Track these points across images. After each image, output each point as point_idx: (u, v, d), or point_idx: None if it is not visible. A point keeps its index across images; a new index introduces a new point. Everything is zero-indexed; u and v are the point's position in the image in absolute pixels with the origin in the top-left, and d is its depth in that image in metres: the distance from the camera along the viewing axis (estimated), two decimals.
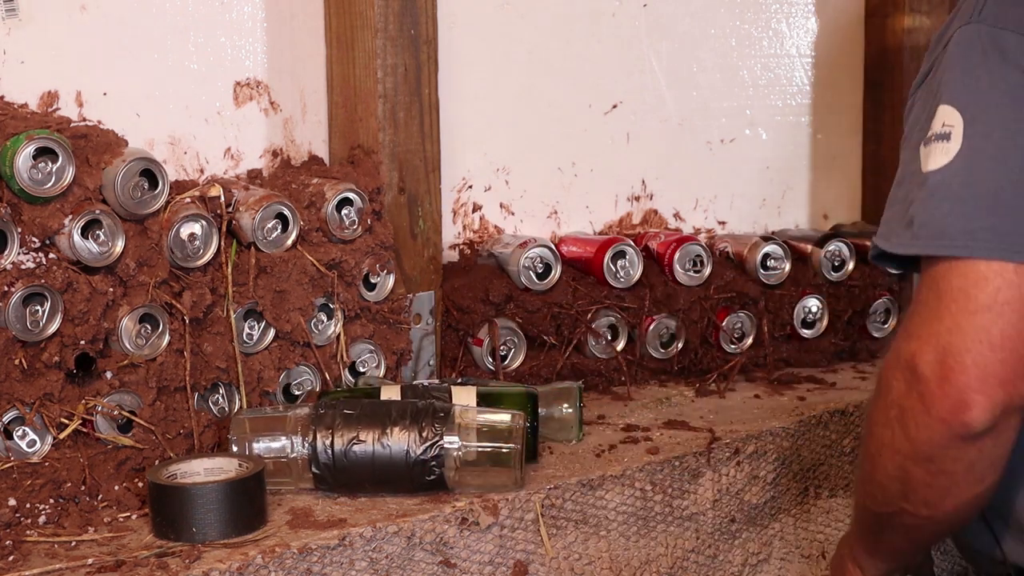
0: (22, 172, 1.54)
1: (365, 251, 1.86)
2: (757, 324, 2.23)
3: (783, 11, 2.47)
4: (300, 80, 2.01)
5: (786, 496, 1.92)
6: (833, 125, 2.56)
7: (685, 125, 2.39)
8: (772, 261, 2.24)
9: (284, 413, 1.62)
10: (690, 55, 2.37)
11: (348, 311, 1.84)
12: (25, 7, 1.75)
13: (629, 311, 2.14)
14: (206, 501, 1.46)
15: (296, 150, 2.02)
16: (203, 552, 1.43)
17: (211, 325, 1.71)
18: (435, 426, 1.58)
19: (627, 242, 2.13)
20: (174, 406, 1.68)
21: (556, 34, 2.23)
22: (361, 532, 1.50)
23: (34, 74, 1.77)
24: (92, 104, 1.81)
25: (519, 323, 2.07)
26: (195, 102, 1.92)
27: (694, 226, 2.42)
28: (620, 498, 1.72)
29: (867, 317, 2.34)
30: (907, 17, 2.49)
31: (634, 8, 2.30)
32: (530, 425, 1.72)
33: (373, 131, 1.93)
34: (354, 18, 1.94)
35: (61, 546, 1.47)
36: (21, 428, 1.57)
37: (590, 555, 1.70)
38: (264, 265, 1.76)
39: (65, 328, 1.58)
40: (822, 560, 1.97)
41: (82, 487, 1.59)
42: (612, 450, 1.80)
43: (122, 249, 1.62)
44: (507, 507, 1.61)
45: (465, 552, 1.58)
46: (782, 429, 1.90)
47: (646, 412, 2.00)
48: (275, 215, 1.75)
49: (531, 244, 2.08)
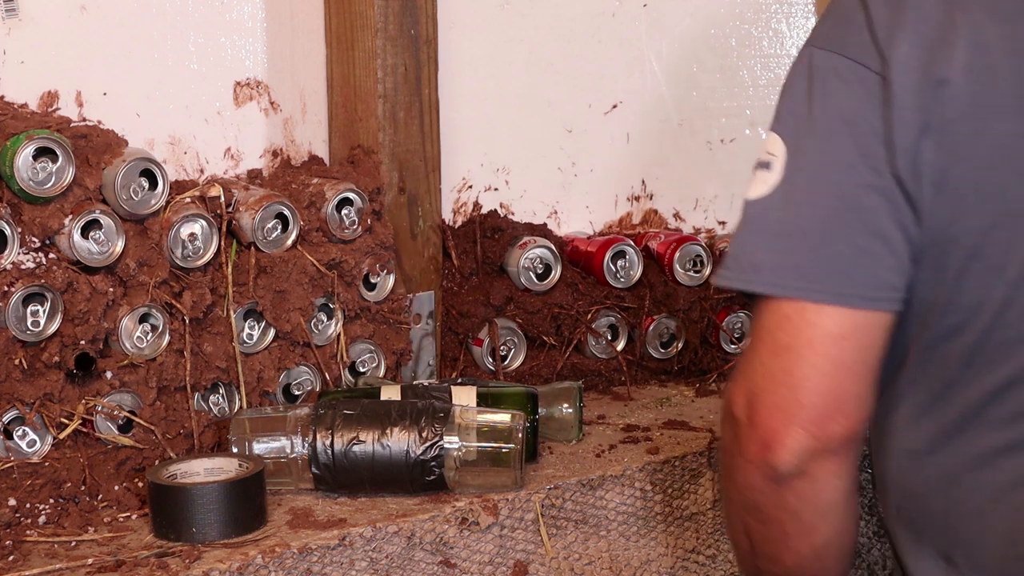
0: (22, 172, 1.55)
1: (365, 251, 1.86)
2: None
3: (783, 11, 2.47)
4: (300, 80, 2.01)
5: None
6: None
7: (685, 125, 2.39)
8: None
9: (284, 413, 1.62)
10: (690, 55, 2.37)
11: (348, 311, 1.84)
12: (25, 7, 1.75)
13: (629, 311, 2.14)
14: (206, 501, 1.46)
15: (296, 150, 2.02)
16: (203, 552, 1.43)
17: (211, 325, 1.71)
18: (435, 426, 1.58)
19: (627, 242, 2.13)
20: (174, 406, 1.68)
21: (556, 34, 2.23)
22: (361, 532, 1.50)
23: (34, 74, 1.77)
24: (92, 104, 1.81)
25: (519, 323, 2.07)
26: (195, 102, 1.91)
27: (694, 226, 2.42)
28: (620, 498, 1.72)
29: None
30: None
31: (634, 8, 2.30)
32: (530, 425, 1.72)
33: (373, 131, 1.93)
34: (354, 18, 1.94)
35: (61, 546, 1.47)
36: (21, 428, 1.57)
37: (590, 555, 1.70)
38: (264, 265, 1.76)
39: (65, 328, 1.58)
40: None
41: (82, 487, 1.59)
42: (612, 450, 1.80)
43: (122, 249, 1.62)
44: (507, 507, 1.61)
45: (465, 552, 1.58)
46: None
47: (646, 412, 2.00)
48: (275, 215, 1.75)
49: (531, 244, 2.08)
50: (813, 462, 1.19)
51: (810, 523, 1.24)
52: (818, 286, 1.17)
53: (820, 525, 1.24)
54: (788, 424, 1.18)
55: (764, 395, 1.19)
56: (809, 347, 1.17)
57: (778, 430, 1.19)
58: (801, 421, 1.18)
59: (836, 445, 1.19)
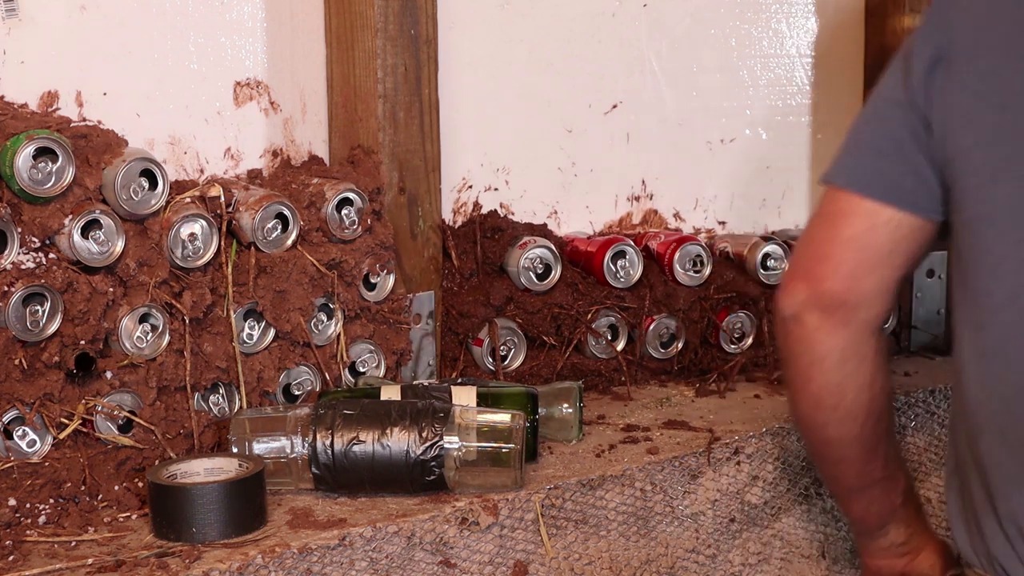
0: (22, 172, 1.54)
1: (365, 251, 1.86)
2: (757, 324, 2.23)
3: (783, 11, 2.47)
4: (300, 80, 2.01)
5: (786, 496, 1.92)
6: (833, 125, 2.56)
7: (685, 125, 2.39)
8: (772, 261, 2.24)
9: (284, 413, 1.62)
10: (690, 55, 2.37)
11: (348, 311, 1.84)
12: (25, 7, 1.75)
13: (629, 311, 2.14)
14: (206, 501, 1.46)
15: (296, 150, 2.02)
16: (203, 552, 1.43)
17: (211, 325, 1.71)
18: (435, 426, 1.58)
19: (627, 242, 2.13)
20: (174, 406, 1.68)
21: (556, 34, 2.23)
22: (361, 532, 1.50)
23: (34, 74, 1.77)
24: (92, 104, 1.81)
25: (519, 323, 2.07)
26: (195, 102, 1.92)
27: (694, 226, 2.42)
28: (620, 498, 1.72)
29: None
30: (907, 17, 2.49)
31: (634, 8, 2.30)
32: (530, 425, 1.72)
33: (373, 131, 1.93)
34: (354, 18, 1.94)
35: (61, 546, 1.47)
36: (21, 428, 1.57)
37: (590, 555, 1.70)
38: (264, 265, 1.76)
39: (65, 328, 1.58)
40: (822, 560, 1.97)
41: (82, 487, 1.59)
42: (612, 450, 1.80)
43: (122, 249, 1.62)
44: (507, 507, 1.61)
45: (465, 552, 1.58)
46: (782, 429, 1.90)
47: (646, 412, 2.00)
48: (275, 215, 1.75)
49: (531, 244, 2.08)
50: (805, 311, 1.46)
51: (806, 370, 1.49)
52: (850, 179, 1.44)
53: (814, 374, 1.49)
54: (795, 274, 1.49)
55: (794, 251, 1.54)
56: (827, 218, 1.46)
57: (789, 278, 1.50)
58: (804, 273, 1.47)
59: (827, 302, 1.45)
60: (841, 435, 1.53)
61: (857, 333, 1.47)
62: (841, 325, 1.46)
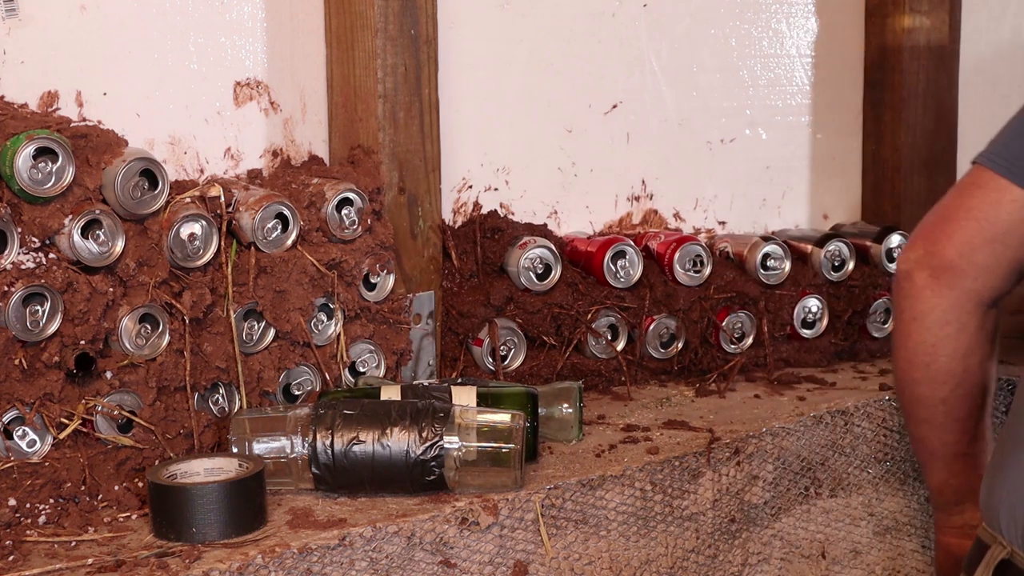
0: (22, 172, 1.54)
1: (365, 251, 1.86)
2: (757, 324, 2.23)
3: (783, 11, 2.47)
4: (300, 80, 2.01)
5: (786, 496, 1.92)
6: (833, 125, 2.56)
7: (685, 125, 2.39)
8: (772, 261, 2.24)
9: (284, 413, 1.62)
10: (690, 55, 2.37)
11: (348, 311, 1.84)
12: (25, 7, 1.75)
13: (629, 311, 2.14)
14: (206, 501, 1.46)
15: (296, 150, 2.02)
16: (203, 552, 1.43)
17: (211, 325, 1.71)
18: (435, 426, 1.58)
19: (627, 242, 2.13)
20: (174, 406, 1.68)
21: (556, 34, 2.23)
22: (361, 532, 1.50)
23: (34, 74, 1.77)
24: (92, 104, 1.81)
25: (519, 323, 2.07)
26: (195, 102, 1.92)
27: (694, 226, 2.42)
28: (620, 498, 1.72)
29: (867, 317, 2.34)
30: (907, 17, 2.49)
31: (634, 8, 2.30)
32: (530, 425, 1.72)
33: (373, 131, 1.93)
34: (354, 18, 1.94)
35: (61, 546, 1.47)
36: (21, 428, 1.57)
37: (590, 555, 1.70)
38: (264, 265, 1.76)
39: (65, 328, 1.58)
40: (822, 560, 1.98)
41: (82, 487, 1.59)
42: (612, 450, 1.80)
43: (122, 249, 1.62)
44: (507, 507, 1.61)
45: (465, 552, 1.58)
46: (782, 429, 1.90)
47: (646, 412, 2.00)
48: (275, 215, 1.75)
49: (531, 244, 2.08)
50: (917, 269, 1.53)
51: (907, 325, 1.57)
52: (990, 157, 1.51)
53: (913, 330, 1.56)
54: (917, 234, 1.56)
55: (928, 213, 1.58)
56: (963, 189, 1.54)
57: (912, 237, 1.57)
58: (924, 235, 1.54)
59: (937, 263, 1.51)
60: (929, 395, 1.59)
61: (961, 300, 1.52)
62: (947, 288, 1.52)
